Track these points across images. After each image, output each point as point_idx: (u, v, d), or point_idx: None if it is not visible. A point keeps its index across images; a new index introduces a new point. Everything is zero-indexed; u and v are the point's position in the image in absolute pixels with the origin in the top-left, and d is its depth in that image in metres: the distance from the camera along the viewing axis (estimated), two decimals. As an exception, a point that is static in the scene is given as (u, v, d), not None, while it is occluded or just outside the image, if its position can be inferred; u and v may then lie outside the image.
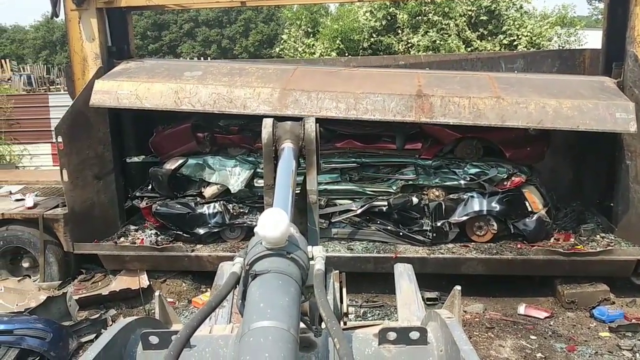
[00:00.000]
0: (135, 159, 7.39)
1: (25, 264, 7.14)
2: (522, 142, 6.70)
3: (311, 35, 18.85)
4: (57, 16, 6.88)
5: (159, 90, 6.43)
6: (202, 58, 34.43)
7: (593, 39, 15.00)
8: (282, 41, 21.44)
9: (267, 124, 2.54)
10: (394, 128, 6.66)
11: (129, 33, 7.81)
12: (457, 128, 6.36)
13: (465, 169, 6.64)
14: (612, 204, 6.73)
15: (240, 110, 6.28)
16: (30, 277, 6.99)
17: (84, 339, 5.72)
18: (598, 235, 6.60)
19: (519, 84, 6.37)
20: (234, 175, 6.85)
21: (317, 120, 2.72)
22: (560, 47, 17.51)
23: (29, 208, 7.06)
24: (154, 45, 42.05)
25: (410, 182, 6.73)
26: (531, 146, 6.78)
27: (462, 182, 6.59)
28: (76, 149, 6.72)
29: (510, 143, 6.67)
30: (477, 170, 6.61)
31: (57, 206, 7.07)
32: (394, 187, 6.70)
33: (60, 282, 6.93)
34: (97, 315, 6.18)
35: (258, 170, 6.80)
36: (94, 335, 5.76)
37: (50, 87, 21.10)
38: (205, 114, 6.59)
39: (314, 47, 17.99)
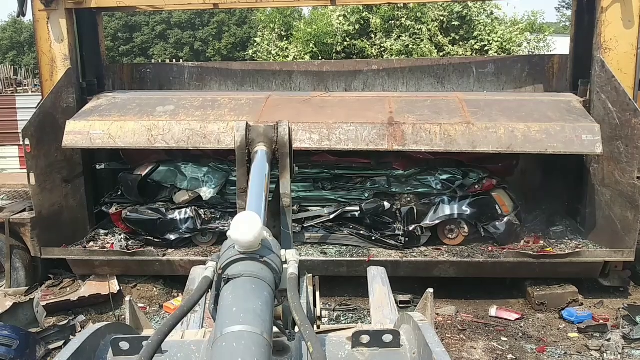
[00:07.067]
0: (105, 166, 7.27)
1: (-9, 270, 6.97)
2: (492, 160, 6.86)
3: (285, 39, 18.85)
4: (23, 15, 6.73)
5: (131, 128, 6.40)
6: (174, 60, 34.07)
7: (561, 45, 15.38)
8: (255, 44, 21.38)
9: (240, 127, 2.52)
10: None
11: (100, 34, 7.69)
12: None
13: (437, 174, 6.73)
14: (580, 207, 6.87)
15: (215, 146, 6.31)
16: (-5, 283, 6.83)
17: (52, 346, 5.60)
18: (567, 238, 6.73)
19: (488, 107, 6.47)
20: (206, 183, 6.81)
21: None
22: (530, 53, 17.84)
23: (-5, 212, 6.90)
24: (125, 47, 41.46)
25: (383, 191, 6.79)
26: (501, 162, 6.97)
27: (434, 188, 6.67)
28: (44, 152, 6.58)
29: (481, 161, 6.83)
30: (449, 175, 6.70)
31: (24, 210, 6.89)
32: (367, 195, 6.75)
33: (27, 287, 6.76)
34: (66, 322, 6.05)
35: (231, 178, 6.77)
36: (63, 342, 5.66)
37: (18, 88, 20.59)
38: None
39: (288, 51, 17.99)
